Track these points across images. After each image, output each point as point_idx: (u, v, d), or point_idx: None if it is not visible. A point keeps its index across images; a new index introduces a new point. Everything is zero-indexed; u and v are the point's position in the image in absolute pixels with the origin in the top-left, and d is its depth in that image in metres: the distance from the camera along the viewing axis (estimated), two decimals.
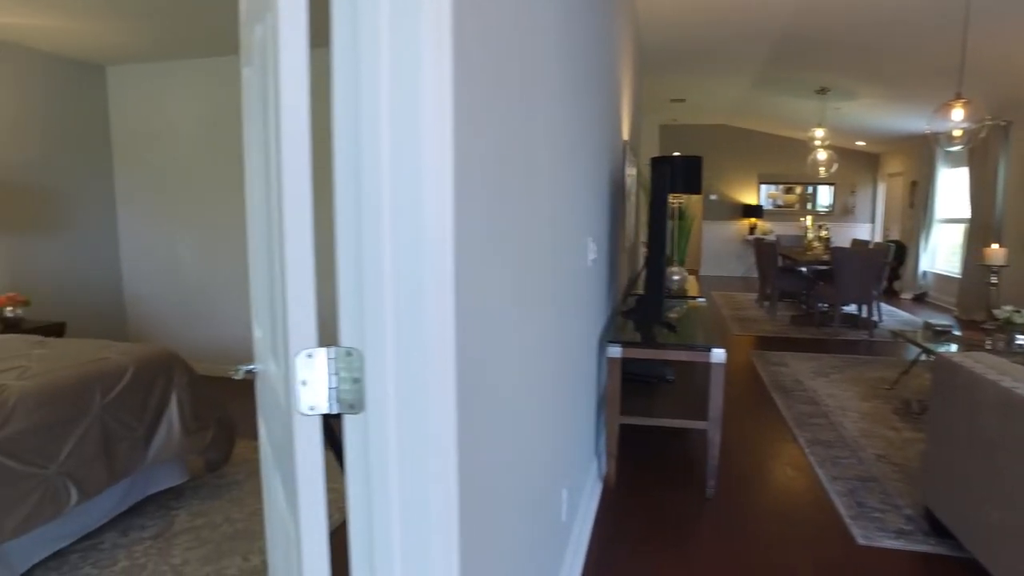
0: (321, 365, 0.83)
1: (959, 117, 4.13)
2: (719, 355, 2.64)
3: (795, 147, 10.52)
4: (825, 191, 11.17)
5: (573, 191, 2.01)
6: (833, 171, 7.82)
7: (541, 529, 1.64)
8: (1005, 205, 6.83)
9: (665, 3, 4.65)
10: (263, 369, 1.35)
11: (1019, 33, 4.47)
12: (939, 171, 8.24)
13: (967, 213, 7.35)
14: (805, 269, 6.95)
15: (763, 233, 10.71)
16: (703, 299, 4.08)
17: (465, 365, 0.93)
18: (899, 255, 8.77)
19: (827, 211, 11.18)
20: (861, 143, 10.21)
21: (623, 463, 3.08)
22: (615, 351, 2.73)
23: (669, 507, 2.68)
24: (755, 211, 11.22)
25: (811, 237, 8.35)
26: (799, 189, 11.30)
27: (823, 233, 8.37)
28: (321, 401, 0.83)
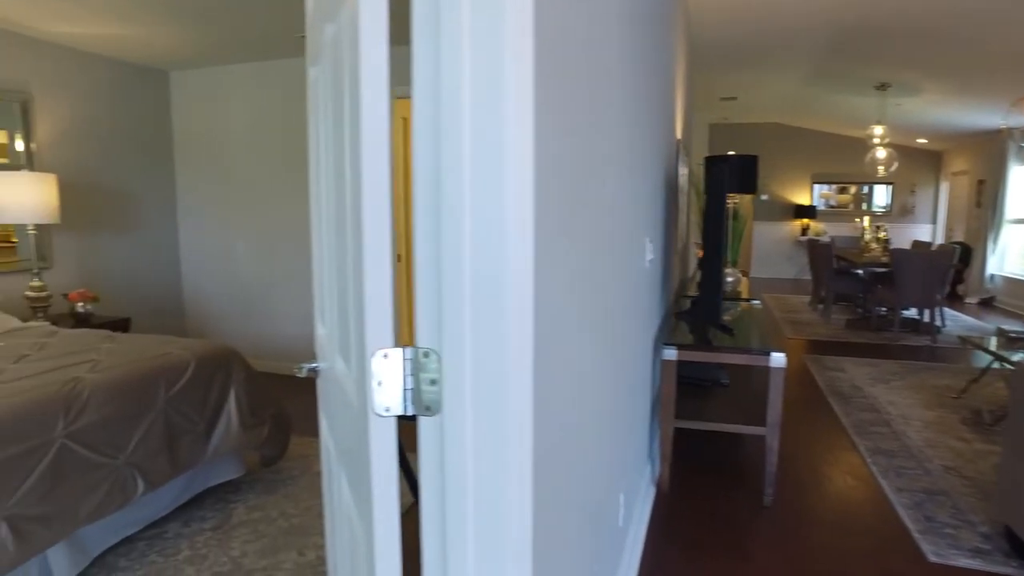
0: (396, 366, 0.82)
1: None
2: (779, 359, 2.56)
3: (851, 145, 10.16)
4: (881, 191, 10.75)
5: (634, 191, 1.97)
6: (893, 170, 7.50)
7: (602, 534, 1.61)
8: None
9: None
10: (327, 367, 1.36)
11: None
12: (1011, 168, 7.83)
13: None
14: (862, 271, 6.67)
15: (816, 234, 10.37)
16: (757, 301, 3.97)
17: (538, 366, 0.91)
18: (964, 257, 8.36)
19: (883, 211, 10.75)
20: (922, 140, 9.77)
21: (676, 467, 3.01)
22: (671, 353, 2.67)
23: (724, 513, 2.60)
24: (808, 211, 10.87)
25: (868, 238, 8.02)
26: (853, 189, 10.90)
27: (881, 234, 8.02)
28: (396, 402, 0.82)
